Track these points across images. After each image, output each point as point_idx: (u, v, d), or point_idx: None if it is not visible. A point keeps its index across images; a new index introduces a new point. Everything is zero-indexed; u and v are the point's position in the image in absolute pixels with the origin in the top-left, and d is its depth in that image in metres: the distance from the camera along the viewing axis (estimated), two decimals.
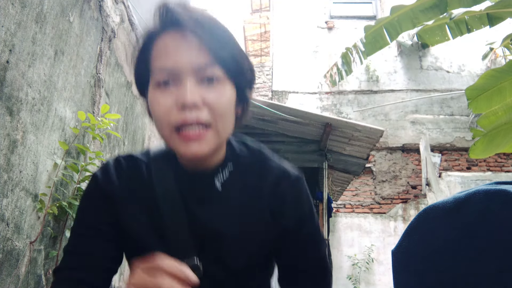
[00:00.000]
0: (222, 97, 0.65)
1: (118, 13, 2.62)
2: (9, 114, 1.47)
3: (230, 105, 0.67)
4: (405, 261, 0.62)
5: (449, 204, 0.57)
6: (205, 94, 0.63)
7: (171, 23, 0.65)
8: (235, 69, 0.67)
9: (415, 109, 7.72)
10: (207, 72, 0.64)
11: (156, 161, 0.75)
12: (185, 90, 0.62)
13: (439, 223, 0.57)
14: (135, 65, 0.71)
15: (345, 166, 5.66)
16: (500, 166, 7.42)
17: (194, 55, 0.63)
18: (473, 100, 2.94)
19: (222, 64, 0.64)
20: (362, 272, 6.01)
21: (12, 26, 1.45)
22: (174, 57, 0.63)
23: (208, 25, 0.65)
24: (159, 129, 0.67)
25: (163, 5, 0.66)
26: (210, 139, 0.64)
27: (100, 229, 0.72)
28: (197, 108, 0.62)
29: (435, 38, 4.28)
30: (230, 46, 0.67)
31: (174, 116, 0.63)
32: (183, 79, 0.63)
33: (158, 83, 0.65)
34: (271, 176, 0.75)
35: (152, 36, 0.67)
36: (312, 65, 8.06)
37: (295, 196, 0.75)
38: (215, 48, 0.63)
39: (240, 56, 0.68)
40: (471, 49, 7.84)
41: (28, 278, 1.64)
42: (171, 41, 0.64)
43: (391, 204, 7.16)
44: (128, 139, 2.95)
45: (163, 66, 0.64)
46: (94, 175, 0.75)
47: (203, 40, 0.63)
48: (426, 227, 0.59)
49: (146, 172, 0.74)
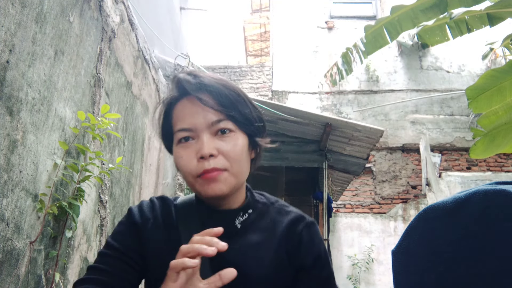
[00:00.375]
0: (235, 145, 0.76)
1: (118, 13, 2.62)
2: (9, 114, 1.47)
3: (242, 151, 0.78)
4: (405, 261, 0.62)
5: (449, 204, 0.57)
6: (219, 144, 0.75)
7: (184, 91, 0.78)
8: (244, 121, 0.78)
9: (415, 109, 7.72)
10: (220, 126, 0.76)
11: (183, 202, 0.86)
12: (202, 144, 0.74)
13: (439, 223, 0.57)
14: (161, 129, 0.84)
15: (345, 166, 5.67)
16: (500, 166, 7.43)
17: (206, 114, 0.76)
18: (473, 100, 2.94)
19: (231, 118, 0.77)
20: (362, 272, 6.01)
21: (12, 26, 1.45)
22: (190, 119, 0.76)
23: (216, 87, 0.77)
24: (184, 177, 0.79)
25: (175, 77, 0.80)
26: (227, 180, 0.76)
27: (126, 253, 0.79)
28: (214, 157, 0.74)
29: (435, 38, 4.27)
30: (237, 102, 0.78)
31: (195, 166, 0.75)
32: (200, 135, 0.76)
33: (179, 140, 0.78)
34: (288, 220, 0.84)
35: (171, 103, 0.81)
36: (312, 65, 8.06)
37: (310, 237, 0.82)
38: (223, 106, 0.76)
39: (247, 109, 0.80)
40: (471, 49, 7.84)
41: (28, 278, 1.64)
42: (187, 106, 0.78)
43: (391, 204, 7.16)
44: (128, 139, 2.95)
45: (182, 127, 0.77)
46: (130, 208, 0.86)
47: (213, 101, 0.76)
48: (426, 227, 0.59)
49: (174, 211, 0.85)
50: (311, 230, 0.83)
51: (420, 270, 0.58)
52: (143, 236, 0.81)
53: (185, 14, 7.68)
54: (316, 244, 0.82)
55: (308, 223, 0.84)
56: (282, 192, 5.69)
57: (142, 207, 0.85)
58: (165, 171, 4.26)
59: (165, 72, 4.35)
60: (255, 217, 0.84)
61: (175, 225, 0.82)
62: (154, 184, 3.84)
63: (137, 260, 0.80)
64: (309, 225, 0.84)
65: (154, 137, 3.71)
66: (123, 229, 0.83)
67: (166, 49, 5.17)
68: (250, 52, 13.92)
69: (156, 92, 3.76)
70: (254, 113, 0.81)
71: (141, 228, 0.82)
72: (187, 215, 0.83)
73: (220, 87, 0.77)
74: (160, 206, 0.86)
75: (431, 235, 0.58)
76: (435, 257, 0.56)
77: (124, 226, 0.83)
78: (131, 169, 3.04)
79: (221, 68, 9.43)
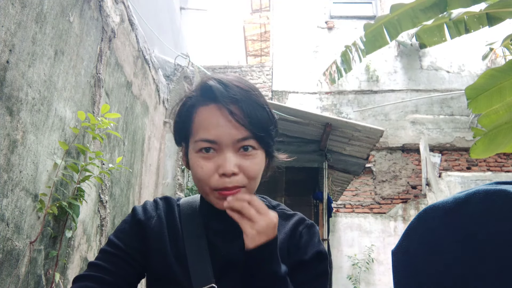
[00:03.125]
0: (255, 164, 0.77)
1: (118, 13, 2.62)
2: (9, 114, 1.47)
3: (261, 169, 0.80)
4: (405, 261, 0.62)
5: (449, 204, 0.57)
6: (241, 162, 0.76)
7: (214, 99, 0.76)
8: (267, 139, 0.79)
9: (415, 109, 7.72)
10: (244, 143, 0.76)
11: (187, 202, 0.88)
12: (225, 161, 0.74)
13: (439, 223, 0.57)
14: (176, 123, 0.83)
15: (345, 166, 5.67)
16: (500, 166, 7.43)
17: (233, 129, 0.75)
18: (473, 99, 2.94)
19: (256, 137, 0.76)
20: (362, 272, 6.01)
21: (12, 26, 1.45)
22: (215, 131, 0.75)
23: (247, 102, 0.76)
24: (199, 186, 0.79)
25: (206, 81, 0.78)
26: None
27: (127, 252, 0.80)
28: (235, 175, 0.75)
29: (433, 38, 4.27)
30: (263, 119, 0.78)
31: (215, 181, 0.75)
32: (224, 150, 0.75)
33: (200, 149, 0.76)
34: (291, 222, 0.87)
35: (194, 104, 0.79)
36: (312, 65, 8.06)
37: (310, 237, 0.86)
38: (252, 124, 0.75)
39: (271, 125, 0.80)
40: (471, 49, 7.84)
41: (28, 278, 1.64)
42: (214, 115, 0.76)
43: (391, 204, 7.16)
44: (128, 139, 2.95)
45: (206, 137, 0.75)
46: (134, 207, 0.87)
47: (243, 117, 0.75)
48: (426, 227, 0.59)
49: (177, 211, 0.87)
50: (311, 231, 0.86)
51: (420, 270, 0.58)
52: (146, 235, 0.82)
53: (185, 14, 7.68)
54: (316, 243, 0.85)
55: (308, 225, 0.87)
56: (282, 192, 5.68)
57: (146, 207, 0.86)
58: (165, 171, 4.26)
59: (165, 72, 4.35)
60: None
61: (179, 225, 0.83)
62: (154, 184, 3.84)
63: (138, 260, 0.80)
64: (309, 226, 0.87)
65: (154, 137, 3.71)
66: (126, 227, 0.84)
67: (166, 49, 5.17)
68: (250, 52, 13.92)
69: (156, 92, 3.76)
70: (274, 129, 0.82)
71: (144, 227, 0.82)
72: (190, 215, 0.84)
73: (251, 102, 0.76)
74: (163, 206, 0.87)
75: (431, 235, 0.58)
76: (435, 257, 0.56)
77: (128, 224, 0.84)
78: (131, 169, 3.04)
79: (221, 68, 9.43)
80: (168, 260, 0.80)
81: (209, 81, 0.78)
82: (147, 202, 0.89)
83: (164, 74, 4.31)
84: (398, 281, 0.63)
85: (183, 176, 4.17)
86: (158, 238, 0.82)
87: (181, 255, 0.80)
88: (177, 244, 0.81)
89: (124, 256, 0.80)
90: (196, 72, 4.64)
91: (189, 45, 7.98)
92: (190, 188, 4.14)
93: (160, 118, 3.98)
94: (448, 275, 0.54)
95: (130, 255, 0.80)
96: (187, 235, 0.81)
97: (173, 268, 0.79)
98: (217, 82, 0.77)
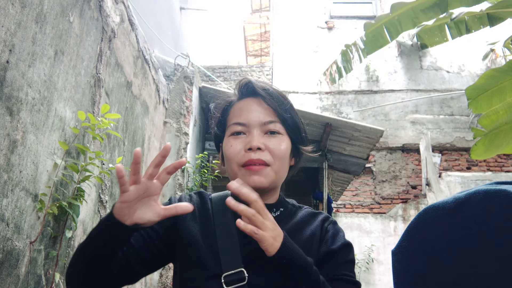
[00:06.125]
0: (280, 145, 0.86)
1: (118, 13, 2.62)
2: (9, 114, 1.47)
3: (286, 152, 0.88)
4: (405, 261, 0.62)
5: (449, 204, 0.57)
6: (267, 141, 0.85)
7: (248, 92, 0.90)
8: (292, 127, 0.89)
9: (415, 109, 7.72)
10: (270, 127, 0.87)
11: (219, 196, 0.95)
12: (252, 137, 0.85)
13: (439, 223, 0.57)
14: (215, 125, 0.94)
15: (345, 166, 5.67)
16: (500, 166, 7.43)
17: (262, 114, 0.87)
18: (473, 100, 2.94)
19: (282, 122, 0.88)
20: (362, 272, 6.01)
21: (12, 26, 1.45)
22: (246, 115, 0.87)
23: (276, 95, 0.89)
24: (228, 165, 0.88)
25: (245, 80, 0.92)
26: (268, 174, 0.84)
27: (153, 227, 0.84)
28: (261, 150, 0.84)
29: (434, 38, 4.26)
30: (289, 111, 0.90)
31: (242, 156, 0.84)
32: (252, 130, 0.86)
33: (232, 133, 0.88)
34: (319, 219, 0.95)
35: (231, 102, 0.93)
36: (312, 65, 8.06)
37: (336, 230, 0.94)
38: (278, 111, 0.87)
39: (297, 118, 0.91)
40: (471, 49, 7.84)
41: (28, 278, 1.64)
42: (246, 104, 0.89)
43: (391, 204, 7.16)
44: (128, 139, 2.95)
45: (238, 121, 0.88)
46: (170, 197, 0.94)
47: (270, 105, 0.87)
48: (426, 227, 0.59)
49: (210, 204, 0.94)
50: (336, 226, 0.95)
51: (420, 270, 0.58)
52: (179, 224, 0.87)
53: (185, 14, 7.68)
54: (342, 236, 0.93)
55: (333, 221, 0.96)
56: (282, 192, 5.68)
57: (181, 198, 0.92)
58: None
59: (165, 72, 4.35)
60: (286, 215, 0.93)
61: (211, 216, 0.90)
62: None
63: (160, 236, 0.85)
64: (334, 222, 0.96)
65: (154, 137, 3.71)
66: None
67: (166, 49, 5.17)
68: (250, 52, 13.92)
69: (156, 92, 3.76)
70: (301, 124, 0.93)
71: (179, 217, 0.87)
72: (222, 207, 0.89)
73: (279, 97, 0.89)
74: (197, 198, 0.94)
75: (431, 235, 0.58)
76: (435, 257, 0.56)
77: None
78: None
79: (221, 68, 9.42)
80: (198, 246, 0.84)
81: (246, 78, 0.92)
82: (182, 195, 0.96)
83: (164, 74, 4.31)
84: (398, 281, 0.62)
85: (183, 176, 4.17)
86: (190, 225, 0.87)
87: (212, 242, 0.84)
88: (208, 232, 0.87)
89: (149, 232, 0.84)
90: (196, 72, 4.64)
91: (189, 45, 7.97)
92: (190, 188, 4.14)
93: (160, 118, 3.98)
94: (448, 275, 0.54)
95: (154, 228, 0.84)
96: (218, 224, 0.87)
97: (202, 253, 0.83)
98: (255, 80, 0.92)
